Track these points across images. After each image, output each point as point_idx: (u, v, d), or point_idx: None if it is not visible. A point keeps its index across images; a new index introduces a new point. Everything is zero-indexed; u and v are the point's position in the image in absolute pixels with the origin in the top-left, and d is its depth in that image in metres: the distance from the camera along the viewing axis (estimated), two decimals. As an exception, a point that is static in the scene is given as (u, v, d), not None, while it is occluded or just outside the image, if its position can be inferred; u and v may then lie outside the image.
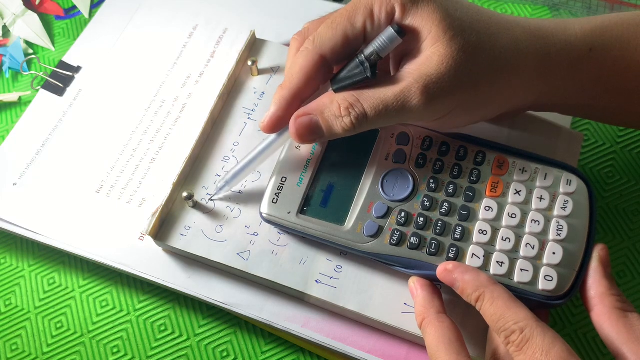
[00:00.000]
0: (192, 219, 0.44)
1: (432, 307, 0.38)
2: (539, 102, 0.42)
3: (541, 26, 0.40)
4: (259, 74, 0.50)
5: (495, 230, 0.39)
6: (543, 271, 0.38)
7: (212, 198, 0.45)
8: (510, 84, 0.39)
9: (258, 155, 0.43)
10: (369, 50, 0.38)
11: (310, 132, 0.40)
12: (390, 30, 0.37)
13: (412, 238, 0.40)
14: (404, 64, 0.39)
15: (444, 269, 0.38)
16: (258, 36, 0.52)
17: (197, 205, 0.45)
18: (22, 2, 0.61)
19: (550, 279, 0.38)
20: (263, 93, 0.49)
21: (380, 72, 0.39)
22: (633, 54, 0.40)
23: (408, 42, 0.38)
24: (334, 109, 0.39)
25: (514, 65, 0.39)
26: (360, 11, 0.38)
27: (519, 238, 0.39)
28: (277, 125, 0.41)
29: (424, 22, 0.37)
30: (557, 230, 0.39)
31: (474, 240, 0.39)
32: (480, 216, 0.40)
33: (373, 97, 0.38)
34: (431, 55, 0.37)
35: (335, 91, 0.39)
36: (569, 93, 0.41)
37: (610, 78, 0.41)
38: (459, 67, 0.37)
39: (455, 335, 0.36)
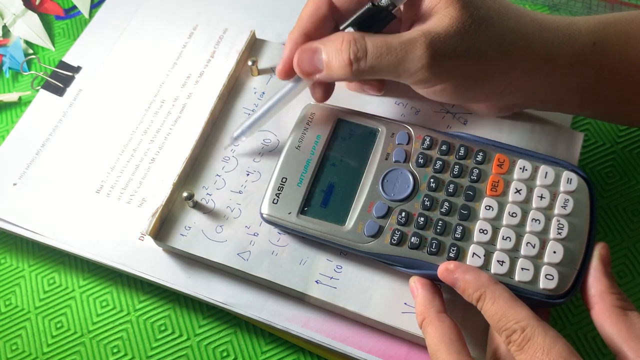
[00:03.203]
0: (192, 219, 0.44)
1: (433, 306, 0.38)
2: (540, 97, 0.42)
3: (547, 18, 0.41)
4: (259, 74, 0.50)
5: (495, 230, 0.39)
6: (544, 270, 0.38)
7: (227, 147, 0.46)
8: (514, 65, 0.40)
9: (275, 104, 0.44)
10: None
11: (310, 63, 0.40)
12: None
13: (413, 238, 0.40)
14: (414, 26, 0.40)
15: (445, 269, 0.38)
16: (258, 36, 0.52)
17: (197, 205, 0.45)
18: (22, 2, 0.61)
19: (551, 277, 0.38)
20: (263, 93, 0.49)
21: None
22: (635, 49, 0.41)
23: (421, 5, 0.39)
24: (337, 42, 0.39)
25: (519, 48, 0.39)
26: None
27: (519, 237, 0.39)
28: (291, 69, 0.42)
29: None
30: (558, 228, 0.39)
31: (475, 239, 0.39)
32: (481, 215, 0.40)
33: (378, 39, 0.38)
34: (442, 17, 0.38)
35: (343, 29, 0.41)
36: (570, 87, 0.41)
37: (612, 72, 0.41)
38: (467, 33, 0.38)
39: (456, 335, 0.36)
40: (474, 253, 0.39)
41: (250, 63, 0.49)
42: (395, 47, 0.38)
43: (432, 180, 0.41)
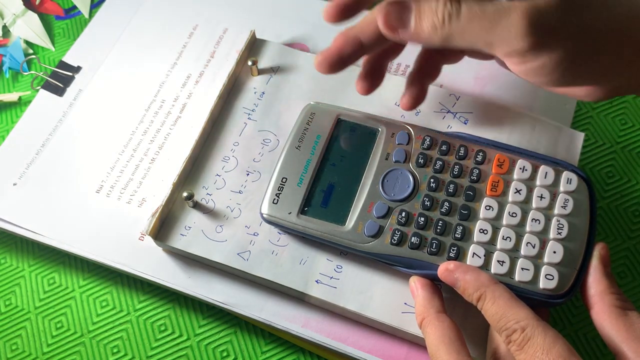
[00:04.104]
0: (192, 219, 0.44)
1: (432, 306, 0.38)
2: None
3: None
4: (259, 74, 0.50)
5: (495, 230, 0.39)
6: (544, 270, 0.38)
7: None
8: (624, 42, 0.36)
9: None
10: None
11: (398, 17, 0.37)
12: None
13: (413, 238, 0.40)
14: None
15: (445, 269, 0.38)
16: (258, 36, 0.52)
17: (197, 205, 0.45)
18: (22, 2, 0.61)
19: (551, 277, 0.38)
20: (263, 93, 0.49)
21: None
22: None
23: None
24: (431, 0, 0.36)
25: (630, 21, 0.36)
26: None
27: (519, 237, 0.39)
28: (343, 12, 0.38)
29: None
30: (558, 228, 0.39)
31: (475, 239, 0.39)
32: (481, 215, 0.40)
33: (473, 2, 0.35)
34: None
35: None
36: None
37: None
38: (571, 6, 0.35)
39: (456, 335, 0.36)
40: (474, 253, 0.39)
41: (250, 63, 0.49)
42: (490, 12, 0.35)
43: (432, 180, 0.41)
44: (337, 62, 0.40)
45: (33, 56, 0.58)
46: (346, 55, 0.40)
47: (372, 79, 0.43)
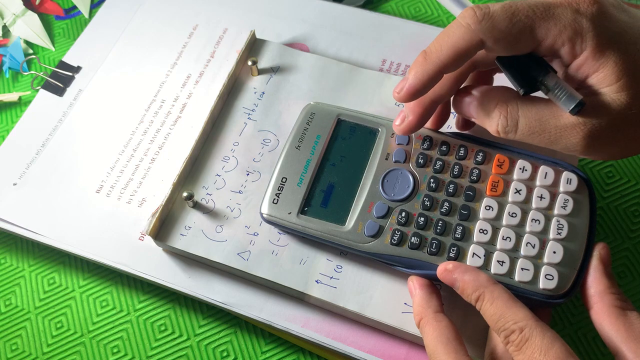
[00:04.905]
0: (192, 219, 0.44)
1: (430, 306, 0.38)
2: None
3: None
4: (259, 74, 0.50)
5: (495, 230, 0.39)
6: (544, 270, 0.38)
7: None
8: None
9: None
10: (548, 81, 0.36)
11: (466, 108, 0.40)
12: (569, 105, 0.35)
13: (413, 238, 0.40)
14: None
15: (444, 269, 0.38)
16: (258, 36, 0.52)
17: (197, 205, 0.45)
18: (22, 2, 0.61)
19: (550, 277, 0.38)
20: (263, 93, 0.49)
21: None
22: None
23: (588, 77, 0.36)
24: (492, 106, 0.38)
25: None
26: (550, 32, 0.36)
27: (519, 237, 0.39)
28: (414, 97, 0.38)
29: (614, 68, 0.35)
30: (558, 229, 0.39)
31: (475, 239, 0.39)
32: (481, 215, 0.40)
33: (533, 117, 0.37)
34: (610, 103, 0.35)
35: (497, 60, 0.38)
36: None
37: None
38: (632, 120, 0.35)
39: (453, 334, 0.36)
40: (474, 253, 0.39)
41: (250, 63, 0.49)
42: (550, 130, 0.36)
43: (432, 180, 0.41)
44: (419, 127, 0.42)
45: (33, 56, 0.58)
46: (427, 119, 0.42)
47: (443, 117, 0.44)
